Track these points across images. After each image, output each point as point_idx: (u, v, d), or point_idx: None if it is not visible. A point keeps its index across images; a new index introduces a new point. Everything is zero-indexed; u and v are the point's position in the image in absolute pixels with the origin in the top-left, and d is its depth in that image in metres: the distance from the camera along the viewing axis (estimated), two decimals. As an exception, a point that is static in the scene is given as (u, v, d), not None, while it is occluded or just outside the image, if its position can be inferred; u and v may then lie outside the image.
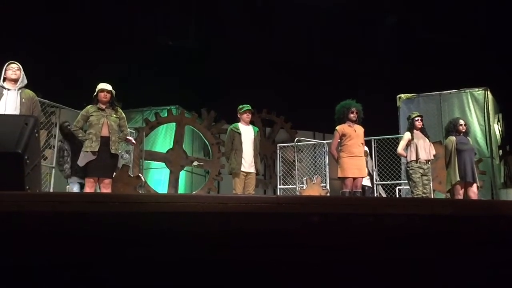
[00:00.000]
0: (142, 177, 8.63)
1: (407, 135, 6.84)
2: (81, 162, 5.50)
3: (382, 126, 9.55)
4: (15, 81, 5.20)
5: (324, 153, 9.73)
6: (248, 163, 6.17)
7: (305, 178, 9.42)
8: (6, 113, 4.91)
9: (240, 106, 6.46)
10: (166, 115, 10.95)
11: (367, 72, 12.47)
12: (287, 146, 10.73)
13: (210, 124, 11.83)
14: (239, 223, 1.95)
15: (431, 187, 7.27)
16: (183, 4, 11.98)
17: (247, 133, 6.32)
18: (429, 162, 6.75)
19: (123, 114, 5.84)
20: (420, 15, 11.93)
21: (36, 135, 2.18)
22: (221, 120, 11.95)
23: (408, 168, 6.75)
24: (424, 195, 6.56)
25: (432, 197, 7.45)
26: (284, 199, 2.13)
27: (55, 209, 1.77)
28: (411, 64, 12.03)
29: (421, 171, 6.61)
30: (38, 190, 2.25)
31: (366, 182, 6.66)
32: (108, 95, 5.65)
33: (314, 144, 10.40)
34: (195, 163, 11.06)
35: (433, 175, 7.16)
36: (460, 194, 6.71)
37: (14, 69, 5.22)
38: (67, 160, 6.24)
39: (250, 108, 6.42)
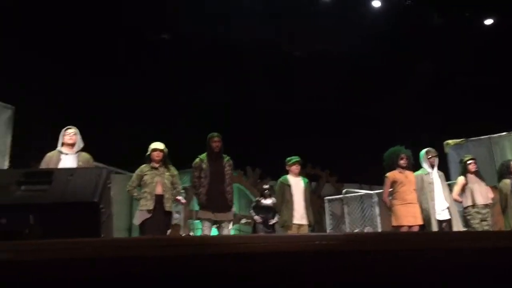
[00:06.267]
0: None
1: (460, 179, 6.59)
2: (137, 220, 5.61)
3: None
4: (72, 145, 5.35)
5: (375, 204, 9.51)
6: (300, 214, 6.13)
7: (356, 231, 9.21)
8: None
9: (288, 158, 6.49)
10: (213, 174, 11.09)
11: (408, 119, 12.39)
12: (335, 199, 10.59)
13: (256, 181, 11.90)
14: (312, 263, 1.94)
15: (492, 233, 6.92)
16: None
17: (297, 184, 6.32)
18: (488, 207, 6.45)
19: (176, 171, 5.95)
20: (460, 58, 11.87)
21: (108, 186, 2.29)
22: (266, 177, 12.03)
23: (465, 214, 6.46)
24: (485, 242, 6.24)
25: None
26: (355, 236, 2.12)
27: (135, 254, 1.83)
28: (458, 108, 11.88)
29: (479, 216, 6.31)
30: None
31: (445, 215, 6.20)
32: (161, 154, 5.79)
33: (362, 195, 10.20)
34: (243, 220, 11.04)
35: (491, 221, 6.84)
36: (523, 239, 6.36)
37: (70, 134, 5.36)
38: None
39: (299, 159, 6.44)
